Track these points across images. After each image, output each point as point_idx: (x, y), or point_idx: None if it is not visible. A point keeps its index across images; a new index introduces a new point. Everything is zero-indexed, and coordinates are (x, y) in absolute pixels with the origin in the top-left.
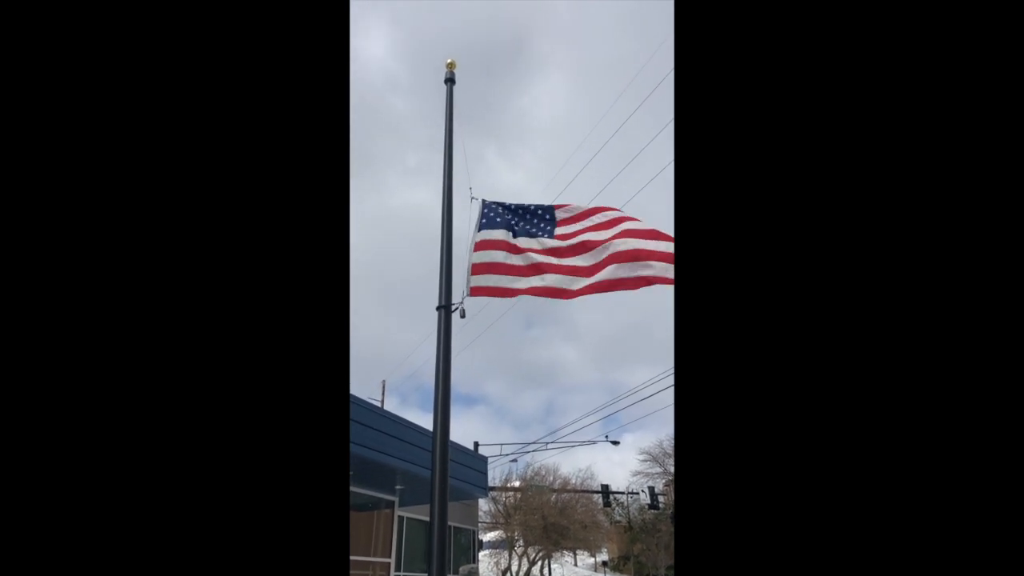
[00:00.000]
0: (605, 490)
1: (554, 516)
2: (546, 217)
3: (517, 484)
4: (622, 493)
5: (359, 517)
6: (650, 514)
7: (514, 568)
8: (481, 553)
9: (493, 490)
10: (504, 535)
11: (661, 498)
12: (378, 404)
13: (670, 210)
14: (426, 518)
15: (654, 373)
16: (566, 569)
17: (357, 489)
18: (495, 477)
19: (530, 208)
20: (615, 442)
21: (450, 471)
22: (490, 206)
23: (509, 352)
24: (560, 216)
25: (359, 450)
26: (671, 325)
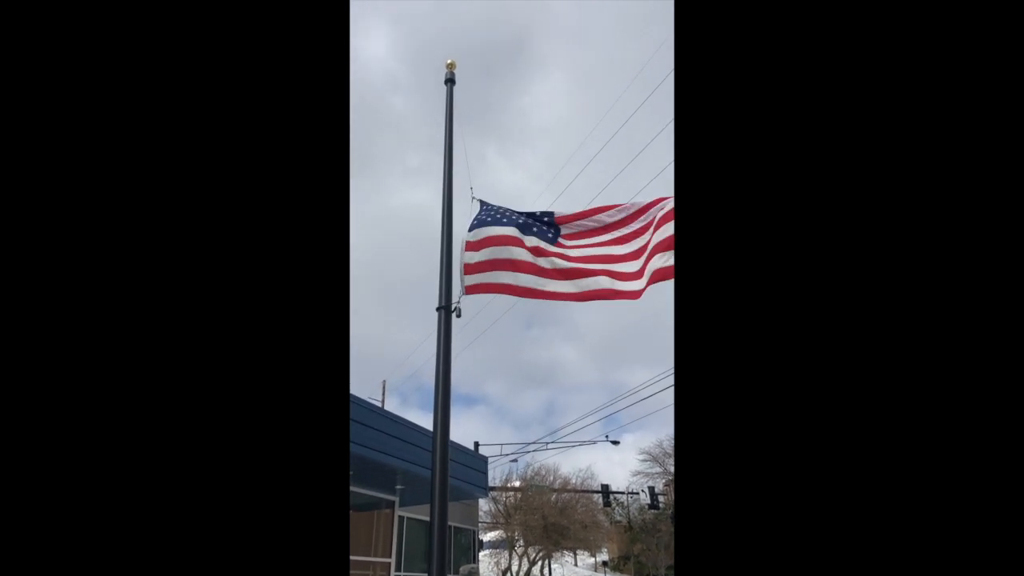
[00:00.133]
0: (605, 490)
1: (554, 516)
2: (546, 221)
3: (517, 484)
4: (622, 493)
5: (359, 517)
6: (650, 514)
7: (514, 568)
8: (481, 553)
9: (493, 490)
10: (504, 535)
11: (661, 498)
12: (378, 404)
13: None
14: (426, 518)
15: (654, 373)
16: (566, 569)
17: (357, 489)
18: (495, 477)
19: (533, 214)
20: (615, 442)
21: (450, 471)
22: (489, 206)
23: (509, 352)
24: (564, 231)
25: (359, 450)
26: (671, 325)
